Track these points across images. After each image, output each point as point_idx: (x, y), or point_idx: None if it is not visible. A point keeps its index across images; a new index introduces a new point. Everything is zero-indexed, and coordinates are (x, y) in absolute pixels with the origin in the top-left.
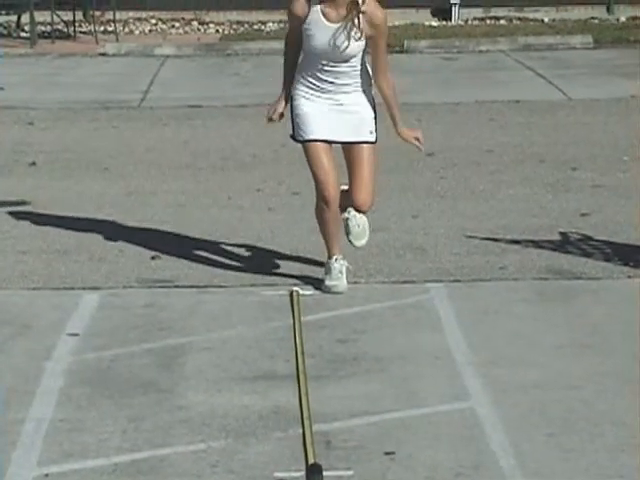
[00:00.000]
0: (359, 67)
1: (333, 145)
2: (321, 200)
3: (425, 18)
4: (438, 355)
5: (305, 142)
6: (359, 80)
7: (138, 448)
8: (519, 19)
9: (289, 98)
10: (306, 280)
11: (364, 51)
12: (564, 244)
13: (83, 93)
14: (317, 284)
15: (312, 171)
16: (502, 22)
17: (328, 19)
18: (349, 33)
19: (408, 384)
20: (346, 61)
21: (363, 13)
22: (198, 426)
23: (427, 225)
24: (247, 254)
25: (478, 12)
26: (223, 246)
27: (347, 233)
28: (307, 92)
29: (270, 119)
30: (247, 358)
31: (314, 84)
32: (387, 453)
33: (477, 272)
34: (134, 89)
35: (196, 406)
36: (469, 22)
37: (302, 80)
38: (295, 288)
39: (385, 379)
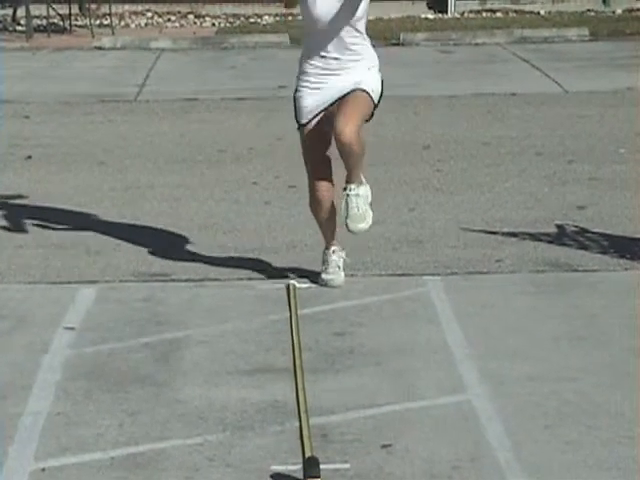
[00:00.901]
0: (361, 34)
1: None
2: (313, 194)
3: (421, 11)
4: (435, 348)
5: (302, 127)
6: (363, 50)
7: (135, 442)
8: (515, 12)
9: None
10: (302, 273)
11: (365, 15)
12: (561, 237)
13: (79, 87)
14: (313, 277)
15: (305, 160)
16: (498, 15)
17: None
18: None
19: (405, 377)
20: (347, 27)
21: None
22: (195, 420)
23: (424, 218)
24: (243, 247)
25: (474, 4)
26: (219, 240)
27: (345, 215)
28: (311, 81)
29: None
30: (244, 352)
31: (319, 67)
32: (384, 446)
33: (474, 265)
34: (130, 82)
35: (193, 400)
36: (465, 15)
37: (305, 66)
38: (291, 281)
39: (382, 372)
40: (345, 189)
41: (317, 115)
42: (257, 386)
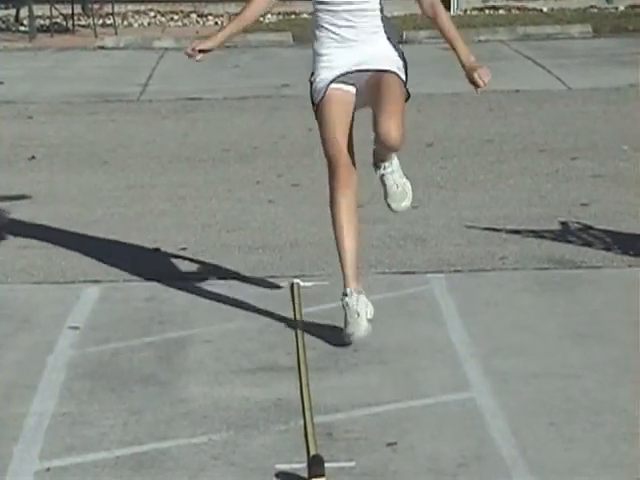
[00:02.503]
0: (378, 8)
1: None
2: (330, 167)
3: None
4: (439, 346)
5: (321, 101)
6: (382, 26)
7: (139, 441)
8: (518, 9)
9: (221, 44)
10: (306, 272)
11: None
12: (564, 234)
13: (82, 87)
14: (317, 276)
15: (323, 144)
16: (501, 12)
17: None
18: None
19: (409, 375)
20: (361, 2)
21: None
22: (199, 419)
23: (427, 216)
24: (247, 246)
25: (477, 2)
26: (223, 238)
27: (385, 195)
28: (328, 60)
29: (189, 54)
30: (248, 350)
31: (332, 39)
32: (389, 444)
33: (478, 262)
34: (133, 82)
35: (197, 399)
36: (468, 12)
37: (319, 46)
38: (295, 280)
39: (386, 370)
40: (379, 168)
41: (338, 81)
42: (261, 385)
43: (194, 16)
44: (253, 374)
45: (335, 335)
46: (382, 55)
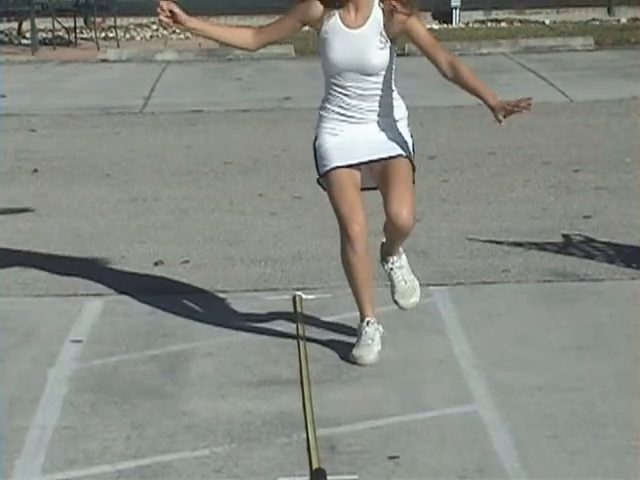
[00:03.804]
0: (388, 85)
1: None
2: (345, 239)
3: (426, 21)
4: (442, 358)
5: (328, 173)
6: (390, 104)
7: (142, 454)
8: (520, 21)
9: (191, 27)
10: (309, 284)
11: (391, 64)
12: (567, 246)
13: (85, 99)
14: (320, 288)
15: (334, 206)
16: (503, 24)
17: (347, 24)
18: (373, 38)
19: (412, 388)
20: (371, 75)
21: (384, 13)
22: (202, 432)
23: (430, 228)
24: (250, 259)
25: (479, 15)
26: (226, 251)
27: (392, 291)
28: (333, 128)
29: (160, 15)
30: (250, 363)
31: (340, 114)
32: (391, 457)
33: (480, 275)
34: (136, 95)
35: (200, 412)
36: (470, 25)
37: (326, 114)
38: (298, 293)
39: (389, 383)
40: (387, 262)
41: (346, 166)
42: (264, 398)
43: None
44: (256, 387)
45: (338, 348)
46: (389, 137)
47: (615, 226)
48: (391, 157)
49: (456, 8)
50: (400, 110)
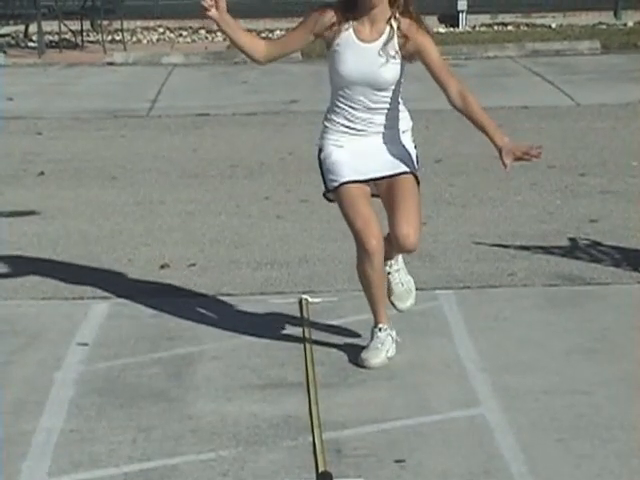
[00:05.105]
0: (396, 98)
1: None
2: (363, 253)
3: (432, 25)
4: (448, 362)
5: (338, 188)
6: (396, 117)
7: (148, 457)
8: (526, 25)
9: (226, 24)
10: (315, 287)
11: (401, 78)
12: (573, 250)
13: (91, 102)
14: (326, 291)
15: (348, 221)
16: (510, 28)
17: (361, 38)
18: (386, 53)
19: (418, 391)
20: (381, 90)
21: (399, 30)
22: (208, 435)
23: (436, 232)
24: (256, 262)
25: (485, 18)
26: (232, 254)
27: (389, 293)
28: (337, 140)
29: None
30: (256, 366)
31: (346, 126)
32: (397, 461)
33: (486, 279)
34: (142, 98)
35: (206, 415)
36: (476, 28)
37: (331, 126)
38: (304, 296)
39: (395, 386)
40: (385, 265)
41: (354, 182)
42: (270, 401)
43: (203, 32)
44: (262, 390)
45: (344, 351)
46: (395, 152)
47: (621, 230)
48: (397, 174)
49: (462, 11)
50: (405, 122)
